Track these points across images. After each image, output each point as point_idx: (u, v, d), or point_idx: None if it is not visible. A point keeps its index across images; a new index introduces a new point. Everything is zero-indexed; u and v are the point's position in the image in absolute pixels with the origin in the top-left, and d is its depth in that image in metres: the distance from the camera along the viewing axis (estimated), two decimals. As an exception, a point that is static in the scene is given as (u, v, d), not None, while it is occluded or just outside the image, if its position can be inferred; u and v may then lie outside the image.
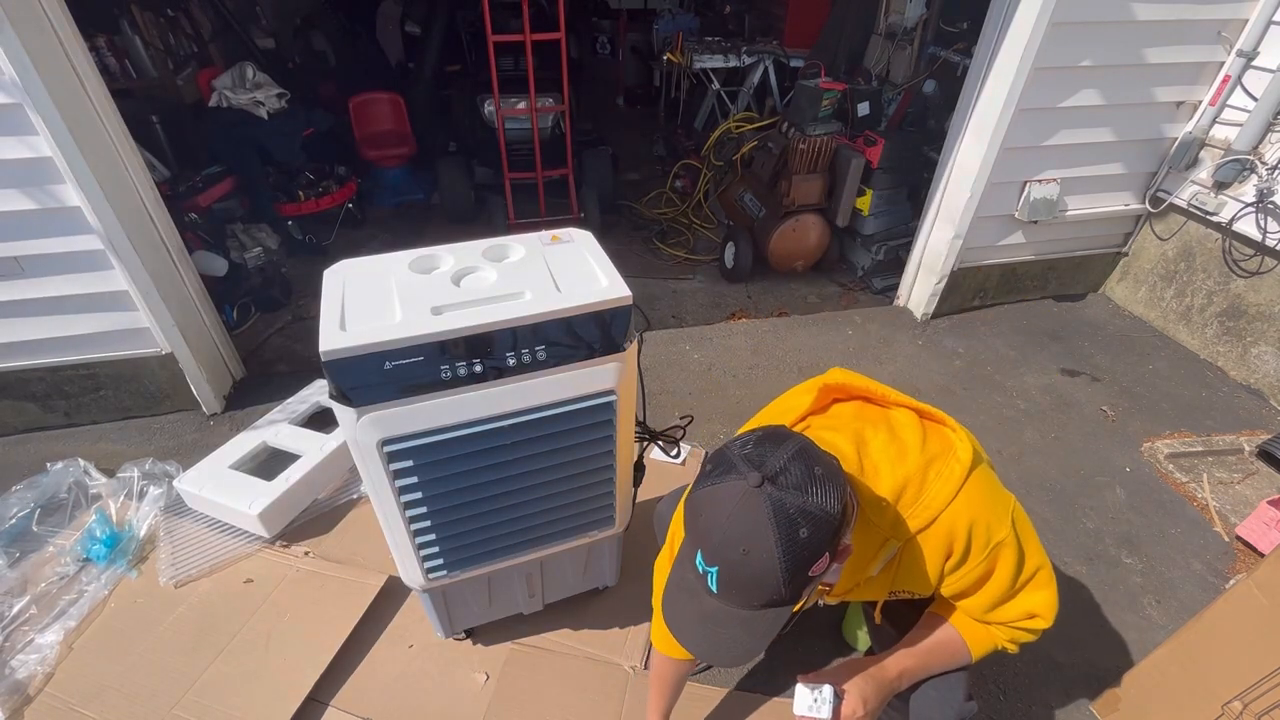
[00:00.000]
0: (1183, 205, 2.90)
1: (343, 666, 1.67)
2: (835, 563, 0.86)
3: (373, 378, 1.02)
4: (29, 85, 1.75)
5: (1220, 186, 2.70)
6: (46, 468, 2.12)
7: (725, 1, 5.40)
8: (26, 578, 1.84)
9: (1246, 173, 2.61)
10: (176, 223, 2.36)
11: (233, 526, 1.98)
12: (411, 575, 1.37)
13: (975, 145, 2.66)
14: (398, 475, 1.14)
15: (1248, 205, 2.59)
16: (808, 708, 1.00)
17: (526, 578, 1.56)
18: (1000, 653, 1.10)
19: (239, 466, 2.04)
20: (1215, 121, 2.72)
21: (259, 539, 1.96)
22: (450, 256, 1.22)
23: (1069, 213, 2.96)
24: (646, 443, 1.55)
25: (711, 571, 0.82)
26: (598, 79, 6.50)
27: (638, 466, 1.53)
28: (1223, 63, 2.65)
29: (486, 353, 1.07)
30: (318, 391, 2.42)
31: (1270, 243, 2.56)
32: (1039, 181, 2.82)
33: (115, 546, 1.90)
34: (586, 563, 1.63)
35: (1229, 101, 2.67)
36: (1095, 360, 2.91)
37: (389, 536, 1.27)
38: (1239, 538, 2.07)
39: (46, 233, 2.00)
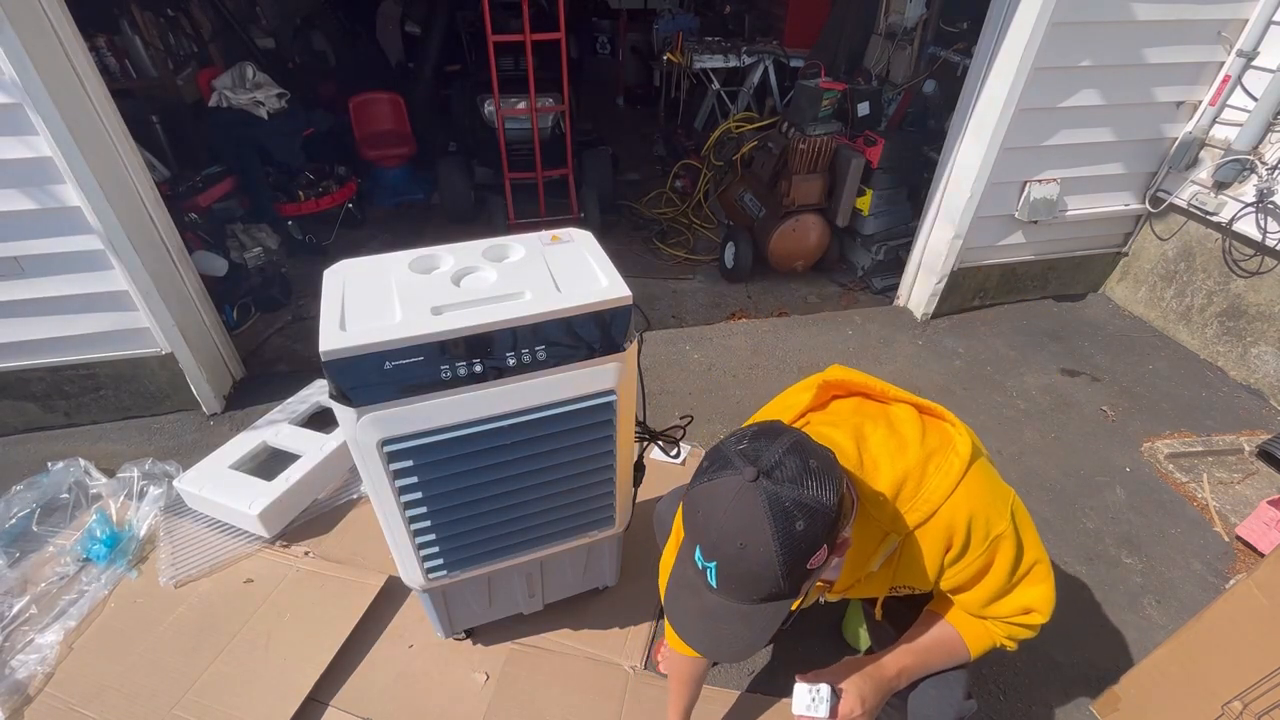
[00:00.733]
0: (1183, 205, 2.90)
1: (343, 666, 1.67)
2: (834, 556, 0.87)
3: (373, 378, 1.03)
4: (29, 85, 1.75)
5: (1220, 186, 2.70)
6: (47, 468, 2.12)
7: (725, 1, 5.40)
8: (26, 578, 1.85)
9: (1246, 173, 2.61)
10: (176, 223, 2.36)
11: (233, 526, 1.98)
12: (411, 575, 1.37)
13: (975, 145, 2.66)
14: (398, 475, 1.14)
15: (1248, 205, 2.59)
16: (806, 706, 1.00)
17: (526, 578, 1.56)
18: (1000, 652, 1.10)
19: (239, 466, 2.04)
20: (1215, 121, 2.72)
21: (259, 539, 1.96)
22: (450, 256, 1.22)
23: (1069, 213, 2.96)
24: (646, 443, 1.55)
25: (710, 566, 0.82)
26: (598, 79, 6.50)
27: (638, 466, 1.53)
28: (1223, 63, 2.65)
29: (486, 353, 1.07)
30: (318, 391, 2.42)
31: (1270, 243, 2.56)
32: (1039, 181, 2.82)
33: (115, 546, 1.90)
34: (586, 563, 1.63)
35: (1229, 101, 2.67)
36: (1095, 360, 2.91)
37: (389, 536, 1.27)
38: (1239, 538, 2.07)
39: (46, 233, 2.00)
